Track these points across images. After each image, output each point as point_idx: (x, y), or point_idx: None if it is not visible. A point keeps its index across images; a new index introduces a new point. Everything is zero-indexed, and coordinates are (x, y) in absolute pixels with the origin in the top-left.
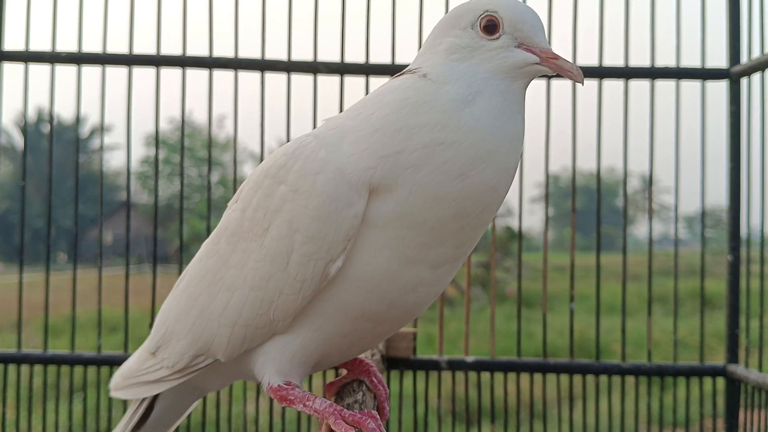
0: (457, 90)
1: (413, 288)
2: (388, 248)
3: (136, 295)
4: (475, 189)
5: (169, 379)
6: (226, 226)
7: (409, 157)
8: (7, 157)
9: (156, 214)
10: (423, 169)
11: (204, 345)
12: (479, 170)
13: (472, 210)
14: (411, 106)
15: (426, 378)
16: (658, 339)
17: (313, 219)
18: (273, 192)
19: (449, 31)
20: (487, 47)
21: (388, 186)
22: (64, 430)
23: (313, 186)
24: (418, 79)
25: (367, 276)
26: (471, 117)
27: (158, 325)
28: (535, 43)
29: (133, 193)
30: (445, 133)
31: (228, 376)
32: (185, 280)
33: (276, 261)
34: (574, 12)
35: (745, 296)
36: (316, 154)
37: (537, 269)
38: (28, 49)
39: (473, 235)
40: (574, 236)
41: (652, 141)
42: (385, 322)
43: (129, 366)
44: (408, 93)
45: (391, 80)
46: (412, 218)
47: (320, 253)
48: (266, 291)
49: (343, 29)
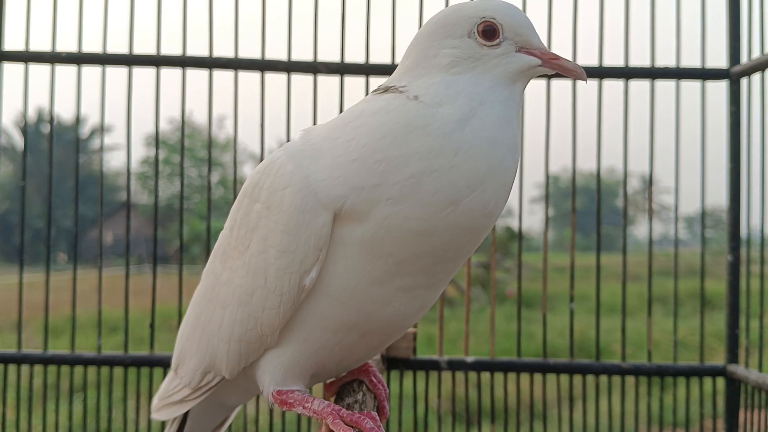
0: (457, 108)
1: (388, 302)
2: (354, 269)
3: (136, 296)
4: (469, 217)
5: (191, 398)
6: (219, 245)
7: (389, 189)
8: (7, 158)
9: (156, 214)
10: (403, 203)
11: (210, 362)
12: (478, 192)
13: (456, 242)
14: (396, 135)
15: (426, 378)
16: (658, 339)
17: (283, 233)
18: (250, 210)
19: (443, 41)
20: (489, 55)
21: (359, 216)
22: (64, 430)
23: (281, 201)
24: (406, 102)
25: (339, 289)
26: (472, 133)
27: (177, 343)
28: (534, 45)
29: (133, 193)
30: (439, 160)
31: (245, 391)
32: (193, 298)
33: (256, 276)
34: (574, 12)
35: (745, 296)
36: (284, 168)
37: (537, 269)
38: (28, 49)
39: (450, 266)
40: (574, 236)
41: (652, 141)
42: (370, 333)
43: (163, 386)
44: (394, 118)
45: (374, 98)
46: (377, 251)
47: (294, 265)
48: (251, 306)
49: (343, 29)
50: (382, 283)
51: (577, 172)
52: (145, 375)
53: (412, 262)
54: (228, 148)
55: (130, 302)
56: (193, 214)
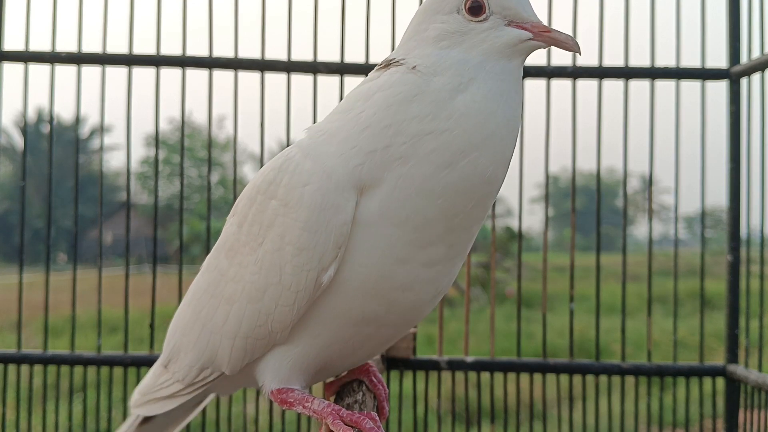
0: (449, 80)
1: (410, 286)
2: (377, 248)
3: (136, 296)
4: (466, 181)
5: (181, 394)
6: (225, 240)
7: (398, 149)
8: (7, 157)
9: (156, 214)
10: (411, 160)
11: (209, 358)
12: (471, 159)
13: (461, 206)
14: (400, 102)
15: (426, 378)
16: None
17: (302, 231)
18: (265, 208)
19: (433, 16)
20: (476, 30)
21: (376, 181)
22: (64, 430)
23: (301, 198)
24: (406, 72)
25: (362, 277)
26: (463, 103)
27: (169, 338)
28: (525, 18)
29: (133, 193)
30: (434, 123)
31: (237, 384)
32: (190, 293)
33: (270, 273)
34: (574, 12)
35: (744, 296)
36: (302, 166)
37: (537, 269)
38: (28, 49)
39: (465, 236)
40: (573, 236)
41: (652, 141)
42: (386, 325)
43: (146, 382)
44: (397, 88)
45: (377, 74)
46: (396, 215)
47: (312, 263)
48: (263, 303)
49: (343, 29)
50: (405, 261)
51: (577, 172)
52: (144, 375)
53: (429, 228)
54: (228, 148)
55: (130, 302)
56: (193, 214)
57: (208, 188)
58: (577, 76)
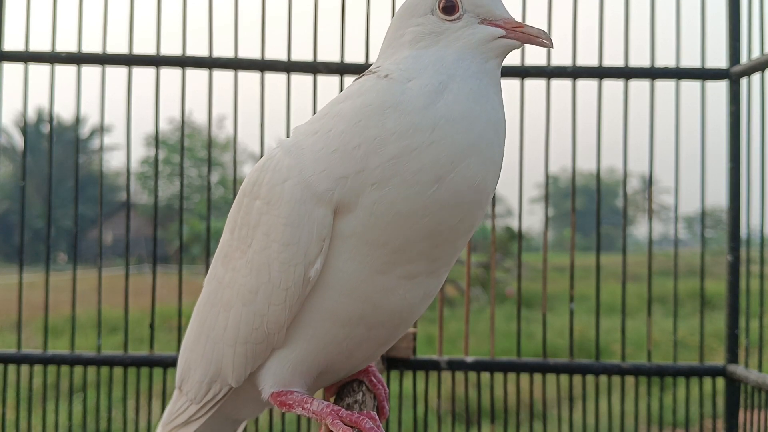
0: (427, 81)
1: (393, 290)
2: (354, 260)
3: (136, 296)
4: (455, 193)
5: (197, 417)
6: (221, 248)
7: (372, 174)
8: (7, 157)
9: (156, 214)
10: (388, 185)
11: (216, 371)
12: (461, 168)
13: (448, 222)
14: (370, 116)
15: (426, 378)
16: (658, 339)
17: (285, 226)
18: (251, 209)
19: (408, 20)
20: (451, 29)
21: (348, 207)
22: (64, 430)
23: (281, 194)
24: (377, 81)
25: (342, 281)
26: (446, 106)
27: (180, 357)
28: (497, 16)
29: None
30: (417, 137)
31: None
32: (195, 308)
33: (260, 273)
34: (574, 12)
35: (744, 296)
36: (282, 163)
37: (537, 269)
38: (28, 49)
39: (449, 249)
40: (573, 236)
41: (652, 141)
42: (376, 326)
43: (167, 410)
44: (366, 100)
45: (350, 85)
46: (373, 239)
47: (298, 257)
48: (256, 304)
49: (343, 29)
50: (383, 272)
51: (576, 172)
52: (144, 375)
53: (409, 249)
54: (228, 148)
55: (130, 302)
56: (193, 214)
57: (208, 188)
58: (577, 76)
